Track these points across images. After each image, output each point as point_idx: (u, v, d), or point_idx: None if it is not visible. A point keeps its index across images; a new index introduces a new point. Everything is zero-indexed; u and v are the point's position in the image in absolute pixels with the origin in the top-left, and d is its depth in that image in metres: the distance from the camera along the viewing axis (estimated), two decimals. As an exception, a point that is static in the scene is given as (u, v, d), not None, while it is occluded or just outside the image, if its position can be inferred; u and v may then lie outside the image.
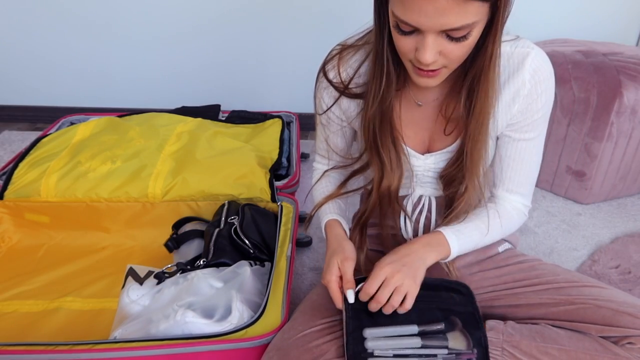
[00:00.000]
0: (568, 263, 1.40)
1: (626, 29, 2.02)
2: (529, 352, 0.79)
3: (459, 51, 0.68)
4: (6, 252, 1.34)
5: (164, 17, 2.00)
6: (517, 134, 0.84)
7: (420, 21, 0.64)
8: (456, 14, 0.63)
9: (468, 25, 0.64)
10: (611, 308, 0.81)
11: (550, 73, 0.80)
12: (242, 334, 0.90)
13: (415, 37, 0.68)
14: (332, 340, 0.81)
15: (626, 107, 1.47)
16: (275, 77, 2.12)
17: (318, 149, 1.02)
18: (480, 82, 0.75)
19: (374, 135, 0.84)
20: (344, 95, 0.87)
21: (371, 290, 0.79)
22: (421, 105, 0.85)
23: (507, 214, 0.90)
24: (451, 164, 0.86)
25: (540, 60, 0.78)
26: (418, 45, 0.68)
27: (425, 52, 0.67)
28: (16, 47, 2.07)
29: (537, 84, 0.79)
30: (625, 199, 1.70)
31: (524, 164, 0.87)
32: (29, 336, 1.08)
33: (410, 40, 0.69)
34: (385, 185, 0.86)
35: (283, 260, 1.09)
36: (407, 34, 0.68)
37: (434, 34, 0.66)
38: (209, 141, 1.51)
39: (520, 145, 0.85)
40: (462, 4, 0.62)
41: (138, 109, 2.02)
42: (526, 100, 0.80)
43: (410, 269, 0.80)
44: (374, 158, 0.86)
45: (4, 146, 2.00)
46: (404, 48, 0.70)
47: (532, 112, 0.81)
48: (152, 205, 1.33)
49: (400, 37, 0.69)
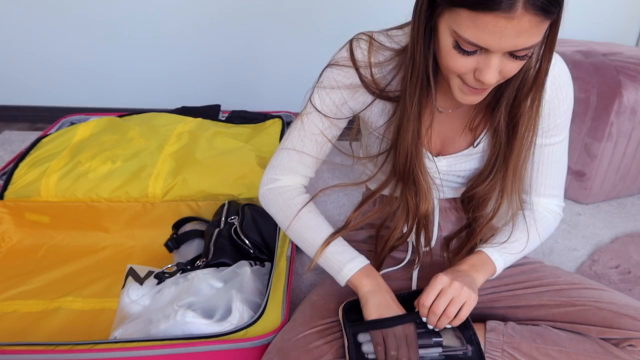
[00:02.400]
0: (568, 263, 1.39)
1: (626, 29, 2.02)
2: (529, 354, 0.79)
3: (515, 69, 0.66)
4: (6, 252, 1.34)
5: (164, 17, 2.00)
6: (542, 139, 0.84)
7: (493, 43, 0.60)
8: (531, 35, 0.60)
9: (536, 44, 0.63)
10: (612, 310, 0.81)
11: (569, 78, 0.80)
12: (242, 334, 0.90)
13: (477, 56, 0.64)
14: (332, 341, 0.81)
15: (626, 107, 1.47)
16: (275, 77, 2.11)
17: (282, 157, 0.87)
18: (530, 99, 0.73)
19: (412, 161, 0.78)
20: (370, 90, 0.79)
21: (428, 301, 0.77)
22: (442, 112, 0.83)
23: (543, 219, 0.90)
24: (482, 180, 0.83)
25: (561, 66, 0.79)
26: (480, 66, 0.64)
27: (489, 72, 0.64)
28: (16, 47, 2.07)
29: (557, 90, 0.79)
30: (625, 199, 1.70)
31: (552, 168, 0.87)
32: (29, 336, 1.08)
33: (470, 61, 0.65)
34: (423, 209, 0.82)
35: (283, 261, 1.09)
36: (469, 54, 0.64)
37: (501, 54, 0.63)
38: (209, 141, 1.51)
39: (547, 150, 0.85)
40: (540, 24, 0.59)
41: (138, 109, 2.02)
42: (548, 106, 0.79)
43: (466, 280, 0.79)
44: (408, 185, 0.81)
45: (4, 146, 2.00)
46: (462, 68, 0.66)
47: (555, 117, 0.81)
48: (152, 205, 1.33)
49: (460, 57, 0.64)
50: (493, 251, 0.85)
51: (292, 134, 0.86)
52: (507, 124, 0.77)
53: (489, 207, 0.84)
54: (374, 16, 1.90)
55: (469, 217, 0.88)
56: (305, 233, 0.85)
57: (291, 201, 0.86)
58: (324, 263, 0.85)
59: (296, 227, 0.85)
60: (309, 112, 0.84)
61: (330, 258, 0.84)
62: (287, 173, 0.87)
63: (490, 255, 0.85)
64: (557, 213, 0.92)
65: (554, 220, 0.91)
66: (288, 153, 0.86)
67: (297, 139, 0.85)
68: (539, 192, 0.89)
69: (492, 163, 0.81)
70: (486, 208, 0.85)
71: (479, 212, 0.86)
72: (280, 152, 0.87)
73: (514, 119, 0.76)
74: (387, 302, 0.79)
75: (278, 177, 0.88)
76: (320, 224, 0.86)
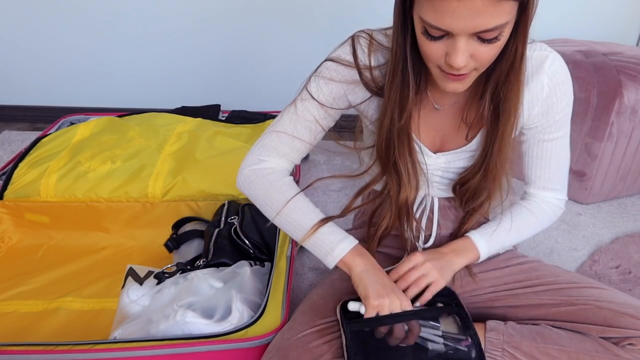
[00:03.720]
0: (568, 263, 1.39)
1: (626, 29, 2.02)
2: (529, 353, 0.80)
3: (489, 53, 0.67)
4: (6, 252, 1.34)
5: (164, 16, 2.00)
6: (541, 135, 0.85)
7: (452, 24, 0.62)
8: (490, 15, 0.61)
9: (501, 26, 0.63)
10: (612, 309, 0.81)
11: (568, 75, 0.80)
12: (242, 334, 0.90)
13: (445, 41, 0.66)
14: (331, 341, 0.81)
15: (626, 107, 1.47)
16: (275, 76, 2.11)
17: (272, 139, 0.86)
18: (510, 83, 0.73)
19: (391, 147, 0.80)
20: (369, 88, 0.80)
21: (401, 271, 0.84)
22: (439, 109, 0.84)
23: (540, 210, 0.91)
24: (473, 172, 0.84)
25: (559, 63, 0.79)
26: (449, 50, 0.66)
27: (457, 56, 0.65)
28: (16, 46, 2.07)
29: (555, 87, 0.79)
30: (626, 199, 1.70)
31: (551, 162, 0.88)
32: (29, 336, 1.08)
33: (439, 46, 0.66)
34: (403, 197, 0.84)
35: (283, 260, 1.09)
36: (437, 39, 0.66)
37: (466, 37, 0.64)
38: (209, 141, 1.51)
39: (547, 145, 0.86)
40: (496, 4, 0.60)
41: (138, 108, 2.02)
42: (546, 103, 0.80)
43: (440, 264, 0.85)
44: (389, 170, 0.83)
45: (3, 146, 2.00)
46: (434, 54, 0.68)
47: (553, 113, 0.82)
48: (152, 205, 1.33)
49: (430, 43, 0.67)
50: (479, 237, 0.88)
51: (284, 117, 0.85)
52: (492, 111, 0.78)
53: (482, 197, 0.86)
54: (374, 15, 1.90)
55: (464, 208, 0.90)
56: (294, 214, 0.84)
57: (277, 182, 0.85)
58: (313, 244, 0.84)
59: (285, 210, 0.84)
60: (304, 99, 0.84)
61: (321, 238, 0.83)
62: (274, 155, 0.86)
63: (475, 241, 0.88)
64: (556, 206, 0.92)
65: (552, 213, 0.92)
66: (278, 135, 0.85)
67: (289, 122, 0.85)
68: (538, 185, 0.90)
69: (483, 155, 0.82)
70: (480, 199, 0.86)
71: (473, 203, 0.87)
72: (270, 134, 0.86)
73: (497, 106, 0.76)
74: (384, 282, 0.81)
75: (265, 159, 0.86)
76: (311, 208, 0.86)
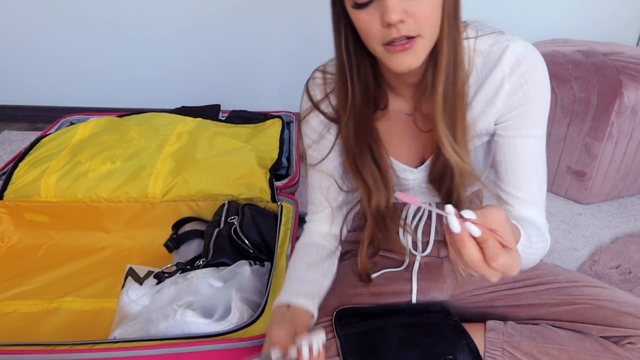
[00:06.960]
0: (568, 263, 1.39)
1: (626, 29, 2.02)
2: (529, 353, 0.79)
3: (424, 8, 0.64)
4: (6, 252, 1.34)
5: (164, 17, 2.00)
6: (511, 132, 0.77)
7: None
8: None
9: None
10: (612, 308, 0.81)
11: (536, 63, 0.73)
12: (242, 333, 0.90)
13: (375, 7, 0.64)
14: (331, 340, 0.81)
15: (626, 107, 1.47)
16: (275, 77, 2.12)
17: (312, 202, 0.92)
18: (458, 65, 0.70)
19: (353, 156, 0.81)
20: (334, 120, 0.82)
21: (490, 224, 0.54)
22: (410, 114, 0.81)
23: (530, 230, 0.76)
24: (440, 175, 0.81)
25: (521, 52, 0.72)
26: (381, 11, 0.63)
27: (389, 11, 0.62)
28: (16, 46, 2.07)
29: (520, 76, 0.73)
30: (626, 199, 1.70)
31: (521, 165, 0.77)
32: (29, 336, 1.08)
33: (372, 11, 0.64)
34: (374, 205, 0.83)
35: (283, 260, 1.09)
36: (366, 6, 0.64)
37: None
38: (209, 141, 1.51)
39: (518, 142, 0.76)
40: None
41: (138, 108, 2.02)
42: (510, 94, 0.74)
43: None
44: (357, 180, 0.83)
45: (3, 146, 2.00)
46: (369, 24, 0.65)
47: (520, 104, 0.74)
48: (152, 206, 1.33)
49: (361, 13, 0.65)
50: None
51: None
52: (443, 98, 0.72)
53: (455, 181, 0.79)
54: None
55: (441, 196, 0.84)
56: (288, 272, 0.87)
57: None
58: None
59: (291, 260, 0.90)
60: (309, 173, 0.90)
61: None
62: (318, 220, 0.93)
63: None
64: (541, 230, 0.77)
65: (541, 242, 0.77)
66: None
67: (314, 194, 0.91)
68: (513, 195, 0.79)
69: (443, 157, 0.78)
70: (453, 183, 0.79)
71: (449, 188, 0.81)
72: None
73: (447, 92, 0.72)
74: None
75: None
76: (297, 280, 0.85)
